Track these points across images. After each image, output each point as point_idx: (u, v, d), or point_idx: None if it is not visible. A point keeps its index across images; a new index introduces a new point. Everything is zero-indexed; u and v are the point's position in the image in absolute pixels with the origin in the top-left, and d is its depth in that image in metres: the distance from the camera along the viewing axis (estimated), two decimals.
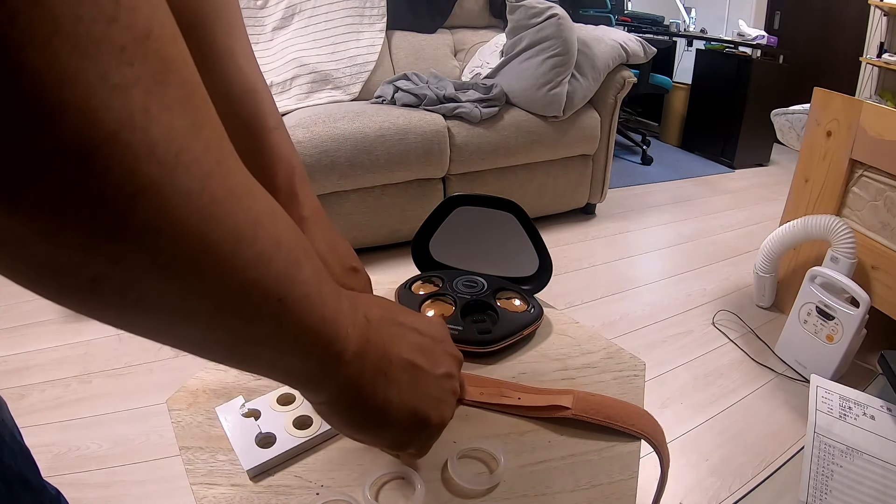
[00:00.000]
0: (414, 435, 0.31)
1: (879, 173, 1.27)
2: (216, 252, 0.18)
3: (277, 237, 0.21)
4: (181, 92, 0.17)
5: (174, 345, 0.22)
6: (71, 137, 0.14)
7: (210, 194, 0.18)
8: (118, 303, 0.18)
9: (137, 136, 0.15)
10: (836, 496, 0.86)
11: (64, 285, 0.17)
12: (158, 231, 0.16)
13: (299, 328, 0.23)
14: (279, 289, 0.21)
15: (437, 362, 0.33)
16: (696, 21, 3.62)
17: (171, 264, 0.17)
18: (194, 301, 0.19)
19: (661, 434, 0.43)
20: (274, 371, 0.25)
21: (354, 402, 0.28)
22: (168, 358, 1.33)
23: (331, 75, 2.04)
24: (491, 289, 0.57)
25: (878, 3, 2.97)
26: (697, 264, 1.91)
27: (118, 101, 0.14)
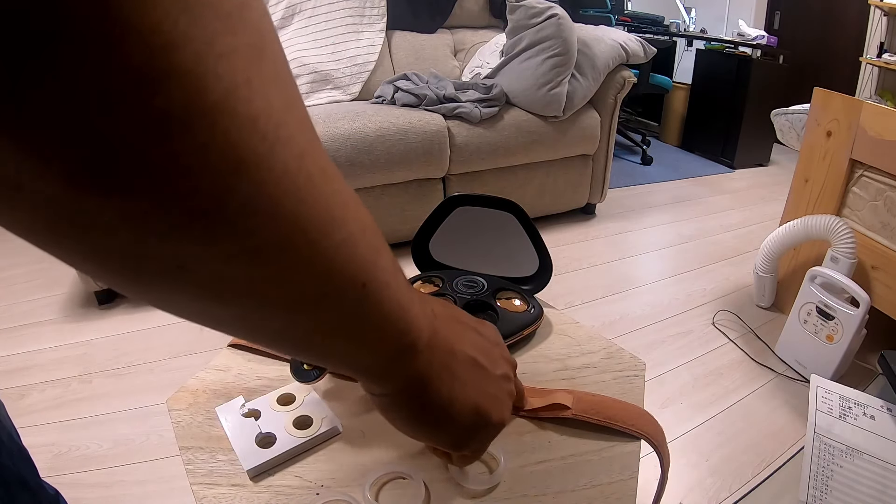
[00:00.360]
0: (473, 434, 0.31)
1: (879, 173, 1.27)
2: (308, 234, 0.18)
3: (363, 221, 0.21)
4: (275, 67, 0.16)
5: (248, 337, 0.22)
6: (177, 106, 0.13)
7: (306, 173, 0.17)
8: (200, 293, 0.17)
9: (241, 106, 0.14)
10: (836, 496, 0.86)
11: (146, 274, 0.16)
12: (256, 211, 0.16)
13: (379, 315, 0.23)
14: (364, 274, 0.21)
15: (495, 363, 0.33)
16: (696, 21, 3.62)
17: (263, 248, 0.17)
18: (281, 288, 0.18)
19: (662, 434, 0.43)
20: (345, 362, 0.25)
21: (421, 395, 0.27)
22: (168, 358, 1.34)
23: (331, 75, 2.04)
24: (491, 289, 0.57)
25: (878, 3, 2.97)
26: (697, 264, 1.91)
27: (224, 70, 0.14)
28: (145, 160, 0.13)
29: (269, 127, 0.15)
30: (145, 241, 0.15)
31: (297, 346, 0.23)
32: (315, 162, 0.18)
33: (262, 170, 0.15)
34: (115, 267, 0.16)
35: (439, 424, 0.29)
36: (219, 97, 0.14)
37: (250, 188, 0.15)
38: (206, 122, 0.14)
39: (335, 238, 0.19)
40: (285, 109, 0.16)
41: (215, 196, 0.15)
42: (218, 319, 0.20)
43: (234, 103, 0.14)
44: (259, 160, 0.15)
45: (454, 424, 0.29)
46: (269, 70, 0.16)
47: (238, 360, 0.50)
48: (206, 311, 0.19)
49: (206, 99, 0.13)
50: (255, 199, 0.16)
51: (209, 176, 0.14)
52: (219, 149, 0.14)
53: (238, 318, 0.20)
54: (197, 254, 0.16)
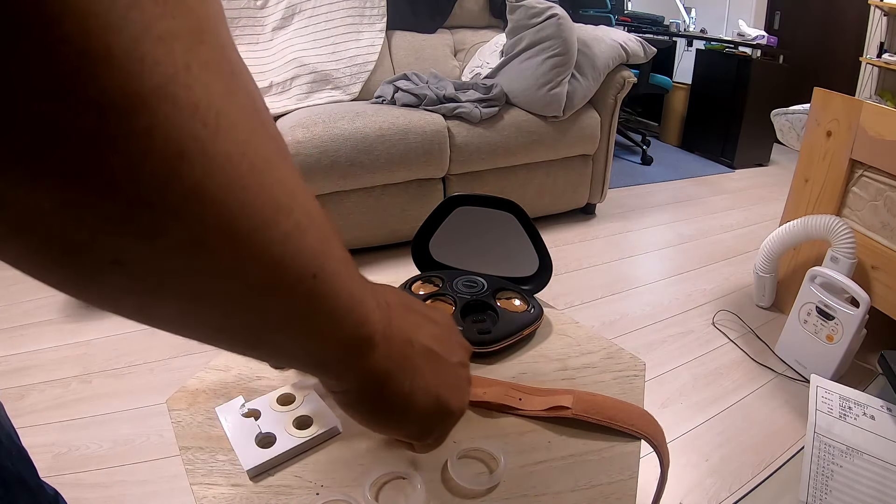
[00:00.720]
0: (436, 423, 0.31)
1: (879, 173, 1.27)
2: (254, 222, 0.17)
3: (310, 209, 0.20)
4: (217, 54, 0.16)
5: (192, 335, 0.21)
6: (116, 90, 0.13)
7: (249, 161, 0.17)
8: (138, 288, 0.17)
9: (182, 92, 0.14)
10: (836, 496, 0.86)
11: (81, 270, 0.16)
12: (200, 199, 0.15)
13: (332, 307, 0.22)
14: (314, 264, 0.20)
15: (451, 351, 0.32)
16: (696, 21, 3.62)
17: (208, 238, 0.16)
18: (227, 281, 0.18)
19: (662, 434, 0.43)
20: (300, 358, 0.24)
21: (381, 388, 0.27)
22: (168, 358, 1.34)
23: (331, 75, 2.04)
24: (491, 289, 0.57)
25: (878, 4, 2.97)
26: (697, 264, 1.91)
27: (163, 54, 0.13)
28: (83, 145, 0.13)
29: (210, 114, 0.15)
30: (80, 234, 0.14)
31: (246, 343, 0.22)
32: (259, 150, 0.17)
33: (206, 157, 0.15)
34: (46, 263, 0.15)
35: (401, 417, 0.29)
36: (159, 82, 0.13)
37: (195, 176, 0.15)
38: (148, 107, 0.13)
39: (283, 227, 0.19)
40: (226, 96, 0.16)
41: (158, 184, 0.14)
42: (159, 317, 0.19)
43: (175, 89, 0.14)
44: (202, 147, 0.15)
45: (416, 416, 0.29)
46: (209, 56, 0.15)
47: (238, 360, 0.50)
48: (145, 307, 0.18)
49: (146, 83, 0.13)
50: (200, 188, 0.15)
51: (151, 163, 0.14)
52: (160, 135, 0.14)
53: (180, 315, 0.19)
54: (137, 247, 0.15)
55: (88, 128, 0.13)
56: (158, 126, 0.14)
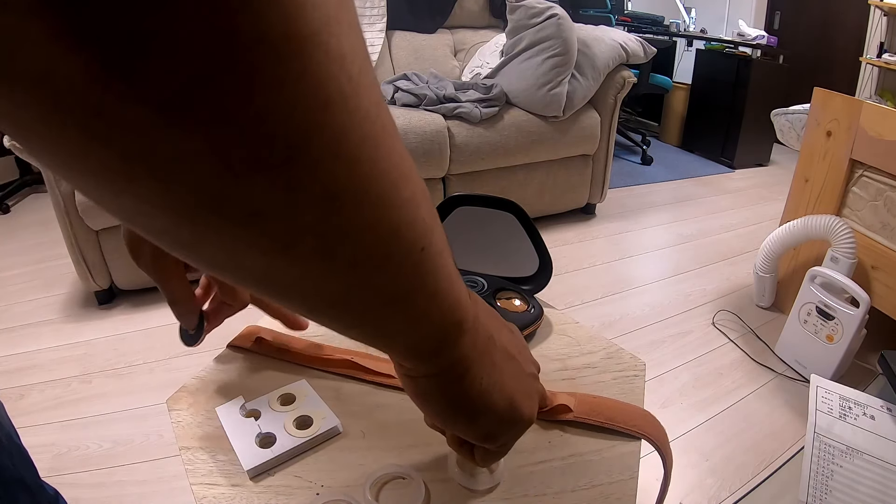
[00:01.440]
0: (506, 427, 0.30)
1: (879, 173, 1.27)
2: (382, 185, 0.17)
3: (421, 184, 0.20)
4: (354, 15, 0.16)
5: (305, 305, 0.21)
6: (278, 27, 0.13)
7: (382, 122, 0.17)
8: (270, 246, 0.16)
9: (334, 42, 0.14)
10: (836, 496, 0.86)
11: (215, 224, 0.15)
12: (338, 153, 0.15)
13: (434, 284, 0.22)
14: (424, 237, 0.20)
15: (527, 361, 0.32)
16: (696, 21, 3.62)
17: (341, 195, 0.16)
18: (348, 244, 0.18)
19: (665, 436, 0.43)
20: (396, 337, 0.24)
21: (462, 378, 0.26)
22: (168, 358, 1.34)
23: None
24: (491, 289, 0.57)
25: (878, 3, 2.97)
26: (697, 264, 1.91)
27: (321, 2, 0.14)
28: (238, 85, 0.13)
29: (354, 68, 0.15)
30: (224, 180, 0.14)
31: (353, 318, 0.22)
32: (387, 114, 0.18)
33: (348, 110, 0.15)
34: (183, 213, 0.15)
35: (475, 412, 0.28)
36: (315, 28, 0.13)
37: (336, 127, 0.15)
38: (304, 50, 0.13)
39: (403, 194, 0.19)
40: (364, 58, 0.16)
41: (303, 132, 0.14)
42: (277, 281, 0.19)
43: (328, 38, 0.14)
44: (346, 100, 0.15)
45: (489, 414, 0.29)
46: (351, 15, 0.16)
47: (238, 360, 0.50)
48: (269, 269, 0.18)
49: (304, 28, 0.13)
50: (340, 140, 0.15)
51: (300, 109, 0.14)
52: (312, 80, 0.14)
53: (299, 280, 0.19)
54: (275, 198, 0.15)
55: (246, 66, 0.13)
56: (311, 72, 0.14)
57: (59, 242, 1.48)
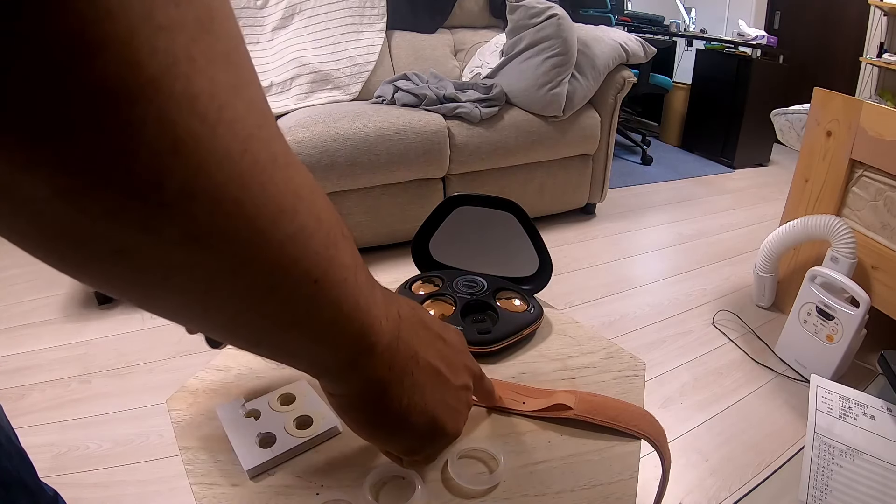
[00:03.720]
0: (427, 442, 0.31)
1: (879, 173, 1.27)
2: (254, 224, 0.17)
3: (318, 213, 0.20)
4: (225, 45, 0.15)
5: (198, 328, 0.21)
6: (110, 79, 0.12)
7: (251, 158, 0.16)
8: (143, 280, 0.17)
9: (180, 84, 0.14)
10: (836, 496, 0.86)
11: (84, 257, 0.15)
12: (194, 195, 0.15)
13: (334, 314, 0.22)
14: (317, 270, 0.20)
15: (457, 373, 0.32)
16: (696, 21, 3.62)
17: (205, 236, 0.16)
18: (226, 279, 0.18)
19: (663, 436, 0.43)
20: (300, 359, 0.24)
21: (379, 398, 0.27)
22: (168, 358, 1.34)
23: (331, 75, 2.04)
24: (491, 289, 0.57)
25: (878, 3, 2.97)
26: (697, 264, 1.91)
27: (163, 44, 0.13)
28: (79, 137, 0.13)
29: (211, 108, 0.15)
30: (80, 222, 0.14)
31: (248, 341, 0.22)
32: (263, 147, 0.17)
33: (201, 152, 0.15)
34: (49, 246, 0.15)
35: (394, 431, 0.29)
36: (155, 73, 0.13)
37: (188, 171, 0.15)
38: (143, 98, 0.13)
39: (285, 230, 0.18)
40: (232, 90, 0.15)
41: (151, 177, 0.14)
42: (163, 308, 0.19)
43: (172, 81, 0.13)
44: (198, 142, 0.14)
45: (409, 432, 0.29)
46: (217, 48, 0.15)
47: (238, 360, 0.50)
48: (150, 298, 0.18)
49: (141, 73, 0.13)
50: (195, 183, 0.15)
51: (145, 155, 0.14)
52: (154, 127, 0.13)
53: (184, 308, 0.19)
54: (135, 239, 0.15)
55: (81, 115, 0.12)
56: (151, 118, 0.13)
57: None
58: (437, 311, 0.54)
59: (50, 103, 0.12)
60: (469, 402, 0.34)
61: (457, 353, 0.33)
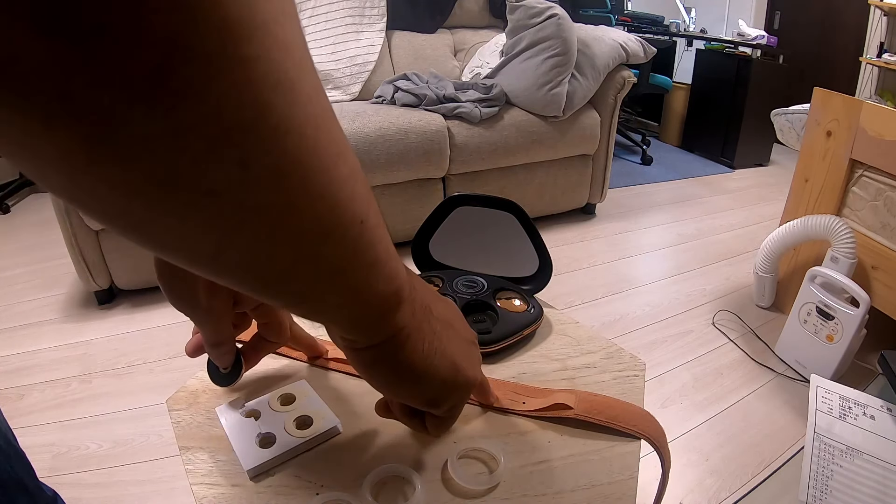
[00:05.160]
0: (450, 390, 0.32)
1: (879, 173, 1.27)
2: (324, 162, 0.19)
3: (356, 162, 0.22)
4: (293, 9, 0.17)
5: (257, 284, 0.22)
6: (235, 17, 0.14)
7: (321, 104, 0.18)
8: (222, 224, 0.17)
9: (280, 31, 0.16)
10: (836, 496, 0.86)
11: (171, 204, 0.16)
12: (288, 131, 0.17)
13: (373, 256, 0.24)
14: (362, 210, 0.22)
15: (464, 329, 0.34)
16: (696, 21, 3.62)
17: (289, 172, 0.18)
18: (295, 219, 0.19)
19: (663, 436, 0.43)
20: (340, 311, 0.25)
21: (403, 345, 0.28)
22: (168, 358, 1.34)
23: (331, 75, 2.04)
24: (491, 289, 0.57)
25: (878, 3, 2.97)
26: (697, 264, 1.91)
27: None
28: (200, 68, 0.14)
29: (297, 56, 0.17)
30: (183, 158, 0.15)
31: (295, 294, 0.23)
32: (325, 98, 0.19)
33: (294, 92, 0.17)
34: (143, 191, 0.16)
35: (419, 378, 0.30)
36: (267, 17, 0.15)
37: (284, 107, 0.16)
38: (256, 38, 0.15)
39: (342, 170, 0.20)
40: (304, 47, 0.18)
41: (256, 111, 0.15)
42: (228, 260, 0.20)
43: (275, 27, 0.15)
44: (292, 83, 0.16)
45: (434, 378, 0.30)
46: (293, 9, 0.17)
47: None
48: (220, 248, 0.19)
49: (257, 17, 0.15)
50: (288, 119, 0.17)
51: (253, 90, 0.15)
52: (263, 66, 0.15)
53: (249, 257, 0.20)
54: (230, 175, 0.16)
55: (208, 50, 0.14)
56: (263, 57, 0.15)
57: (59, 242, 1.48)
58: None
59: (183, 36, 0.13)
60: (479, 357, 0.35)
61: (459, 315, 0.35)
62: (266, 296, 0.23)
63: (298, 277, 0.22)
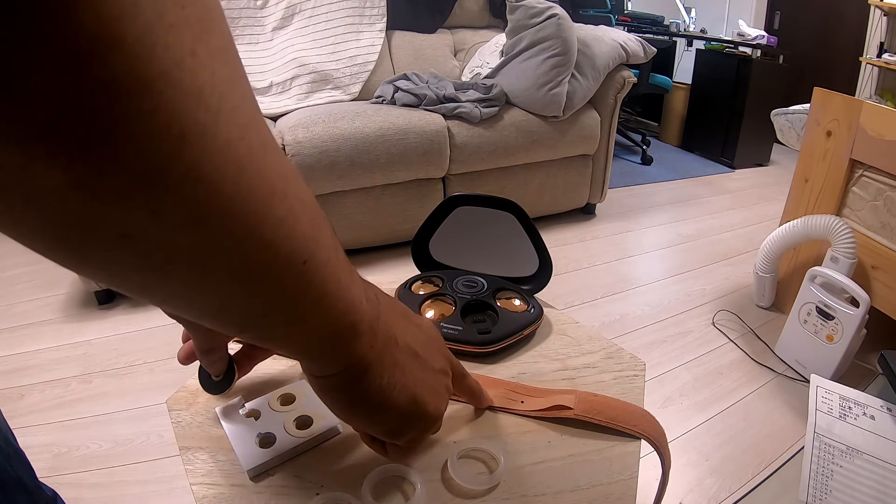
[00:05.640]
0: (410, 423, 0.31)
1: (879, 173, 1.27)
2: (250, 205, 0.18)
3: (302, 197, 0.21)
4: (221, 42, 0.17)
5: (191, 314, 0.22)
6: (125, 72, 0.13)
7: (247, 145, 0.18)
8: (143, 265, 0.17)
9: (187, 77, 0.15)
10: (836, 496, 0.86)
11: (91, 245, 0.16)
12: (198, 179, 0.16)
13: (320, 292, 0.23)
14: (305, 250, 0.21)
15: (434, 358, 0.33)
16: (696, 21, 3.62)
17: (206, 217, 0.17)
18: (223, 261, 0.19)
19: (663, 435, 0.43)
20: (287, 341, 0.25)
21: (360, 377, 0.27)
22: (168, 358, 1.34)
23: (331, 75, 2.04)
24: (491, 289, 0.57)
25: (878, 3, 2.97)
26: (697, 264, 1.91)
27: (172, 41, 0.14)
28: (92, 124, 0.14)
29: (213, 99, 0.16)
30: (90, 209, 0.15)
31: (240, 324, 0.23)
32: (257, 135, 0.18)
33: (205, 139, 0.16)
34: (57, 235, 0.16)
35: (377, 410, 0.29)
36: (166, 67, 0.14)
37: (193, 156, 0.16)
38: (153, 90, 0.14)
39: (277, 211, 0.19)
40: (229, 83, 0.17)
41: (160, 162, 0.15)
42: (159, 293, 0.20)
43: (181, 74, 0.15)
44: (203, 130, 0.16)
45: (391, 411, 0.30)
46: (214, 43, 0.16)
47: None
48: (150, 285, 0.19)
49: (153, 68, 0.14)
50: (199, 168, 0.16)
51: (154, 143, 0.15)
52: (164, 117, 0.15)
53: (180, 292, 0.20)
54: (142, 222, 0.16)
55: (99, 107, 0.13)
56: (162, 108, 0.14)
57: None
58: (436, 312, 0.54)
59: (70, 96, 0.13)
60: (449, 388, 0.35)
61: (432, 340, 0.34)
62: (207, 324, 0.23)
63: (234, 313, 0.22)
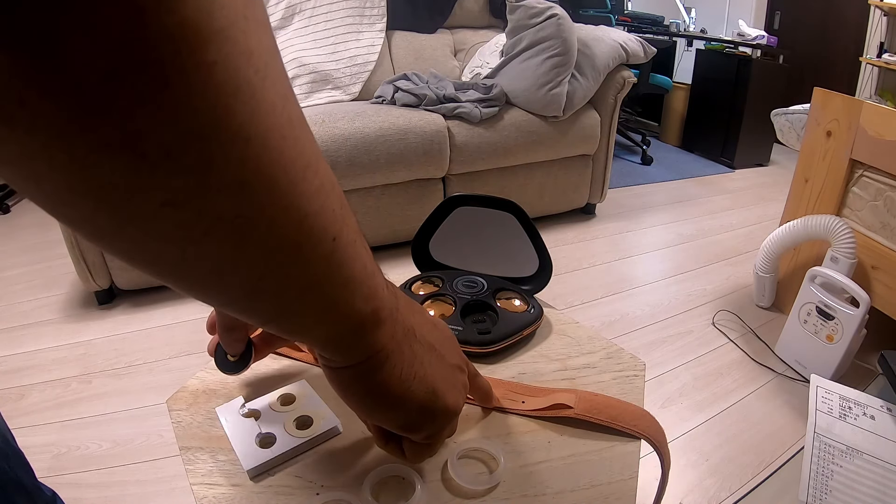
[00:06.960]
0: (427, 417, 0.30)
1: (879, 173, 1.27)
2: (290, 173, 0.18)
3: (330, 176, 0.21)
4: (264, 15, 0.17)
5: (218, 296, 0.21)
6: (190, 23, 0.14)
7: (288, 114, 0.18)
8: (182, 236, 0.17)
9: (241, 38, 0.15)
10: (836, 496, 0.86)
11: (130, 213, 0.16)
12: (248, 138, 0.16)
13: (347, 274, 0.23)
14: (334, 227, 0.21)
15: (451, 353, 0.33)
16: (696, 21, 3.62)
17: (251, 182, 0.17)
18: (258, 233, 0.18)
19: (663, 435, 0.43)
20: (311, 329, 0.25)
21: (380, 367, 0.27)
22: (168, 358, 1.34)
23: (331, 75, 2.04)
24: (491, 289, 0.57)
25: (878, 3, 2.97)
26: (697, 264, 1.91)
27: (228, 2, 0.15)
28: (153, 74, 0.14)
29: (261, 62, 0.16)
30: (140, 169, 0.15)
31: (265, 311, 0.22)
32: (295, 107, 0.19)
33: (255, 100, 0.16)
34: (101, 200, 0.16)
35: (395, 402, 0.29)
36: (225, 24, 0.15)
37: (245, 115, 0.16)
38: (214, 43, 0.14)
39: (312, 184, 0.19)
40: (272, 52, 0.17)
41: (214, 117, 0.15)
42: (192, 272, 0.19)
43: (236, 33, 0.15)
44: (253, 90, 0.16)
45: (410, 404, 0.29)
46: (259, 13, 0.17)
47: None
48: (183, 260, 0.18)
49: (214, 23, 0.14)
50: (248, 126, 0.16)
51: (211, 96, 0.15)
52: (221, 72, 0.15)
53: (213, 270, 0.19)
54: (188, 185, 0.16)
55: (162, 56, 0.14)
56: (220, 63, 0.15)
57: (59, 242, 1.48)
58: (436, 312, 0.54)
59: (134, 43, 0.13)
60: (466, 384, 0.34)
61: (448, 337, 0.34)
62: (235, 311, 0.23)
63: (266, 294, 0.21)
